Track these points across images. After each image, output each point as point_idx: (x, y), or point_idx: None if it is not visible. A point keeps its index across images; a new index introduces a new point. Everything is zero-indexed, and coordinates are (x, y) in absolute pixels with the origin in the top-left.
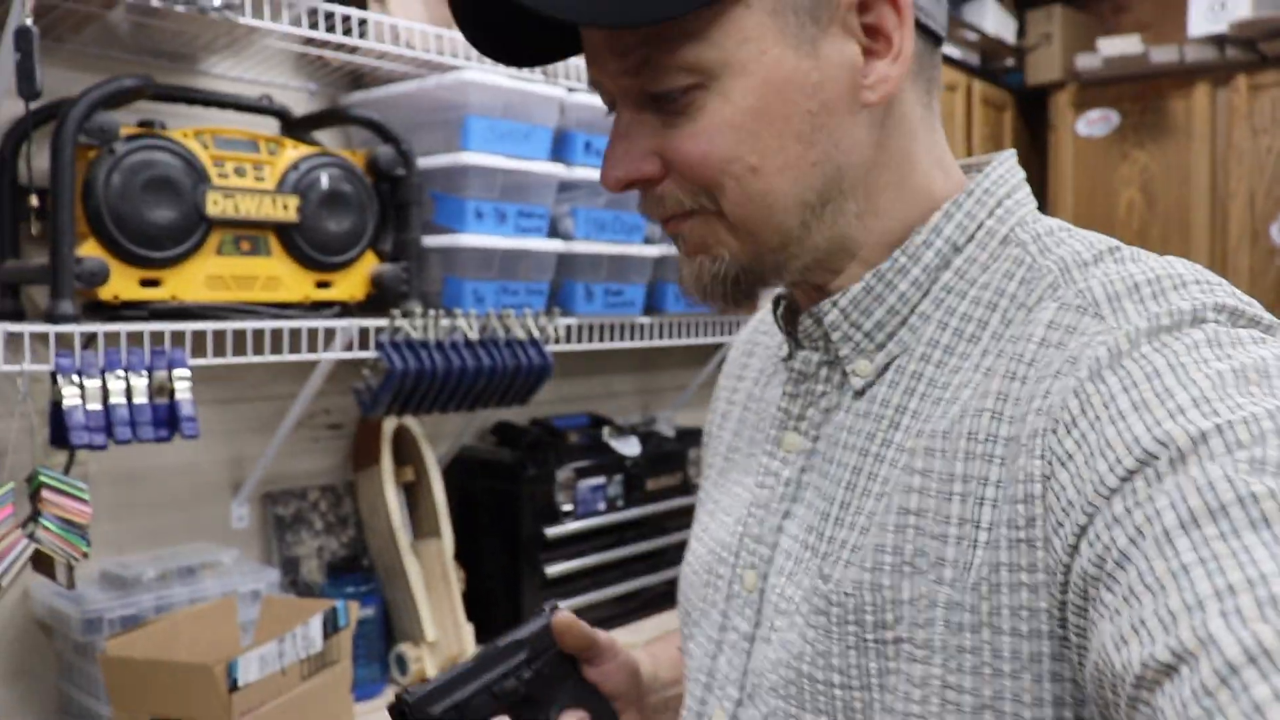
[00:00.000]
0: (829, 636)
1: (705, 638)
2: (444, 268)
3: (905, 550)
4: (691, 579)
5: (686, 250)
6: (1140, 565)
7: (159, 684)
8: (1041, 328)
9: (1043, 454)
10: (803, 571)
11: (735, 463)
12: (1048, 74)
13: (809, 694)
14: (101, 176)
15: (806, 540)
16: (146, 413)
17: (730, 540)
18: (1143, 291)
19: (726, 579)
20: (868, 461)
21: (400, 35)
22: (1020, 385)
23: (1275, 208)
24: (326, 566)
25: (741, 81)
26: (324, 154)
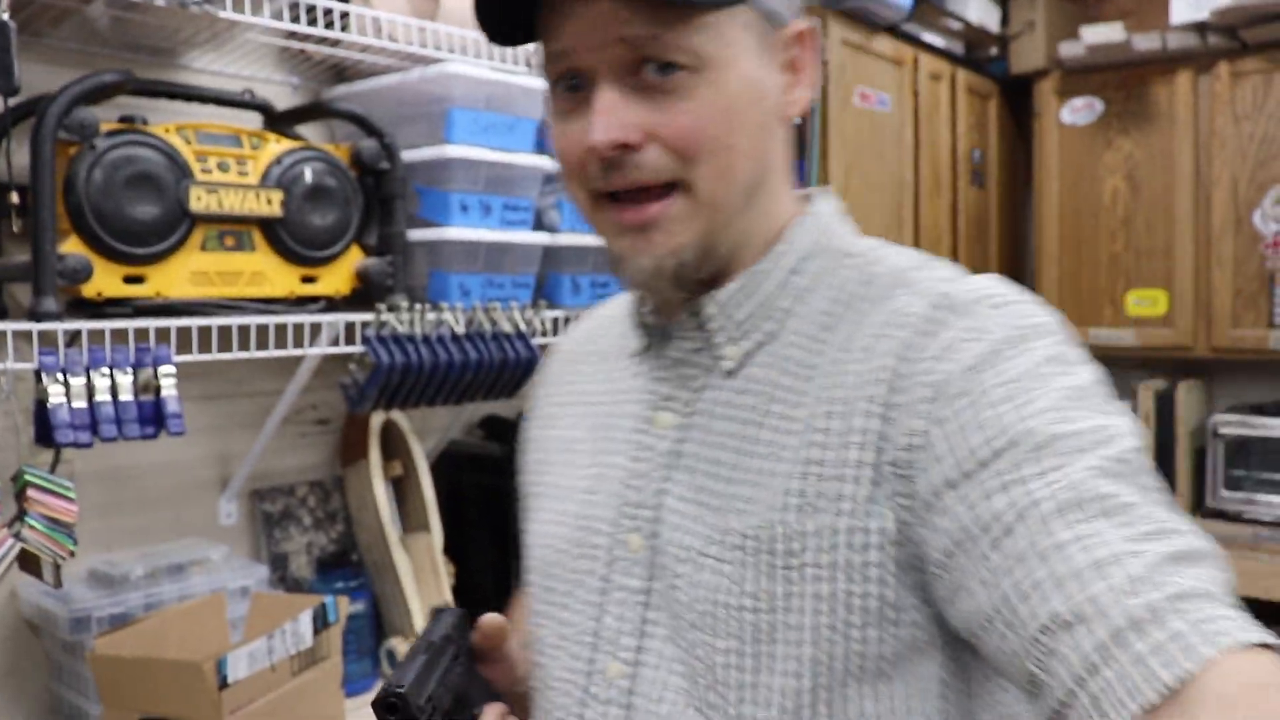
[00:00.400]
0: (744, 567)
1: (583, 604)
2: (429, 261)
3: (809, 493)
4: (554, 557)
5: (651, 243)
6: (1027, 537)
7: (148, 682)
8: (906, 315)
9: (925, 416)
10: (697, 524)
11: (580, 451)
12: (1031, 62)
13: (723, 621)
14: (83, 173)
15: (697, 499)
16: (132, 410)
17: (603, 513)
18: (994, 300)
19: (605, 547)
20: (749, 429)
21: (383, 28)
22: (903, 363)
23: (1258, 194)
24: (315, 562)
25: (726, 75)
26: (307, 148)
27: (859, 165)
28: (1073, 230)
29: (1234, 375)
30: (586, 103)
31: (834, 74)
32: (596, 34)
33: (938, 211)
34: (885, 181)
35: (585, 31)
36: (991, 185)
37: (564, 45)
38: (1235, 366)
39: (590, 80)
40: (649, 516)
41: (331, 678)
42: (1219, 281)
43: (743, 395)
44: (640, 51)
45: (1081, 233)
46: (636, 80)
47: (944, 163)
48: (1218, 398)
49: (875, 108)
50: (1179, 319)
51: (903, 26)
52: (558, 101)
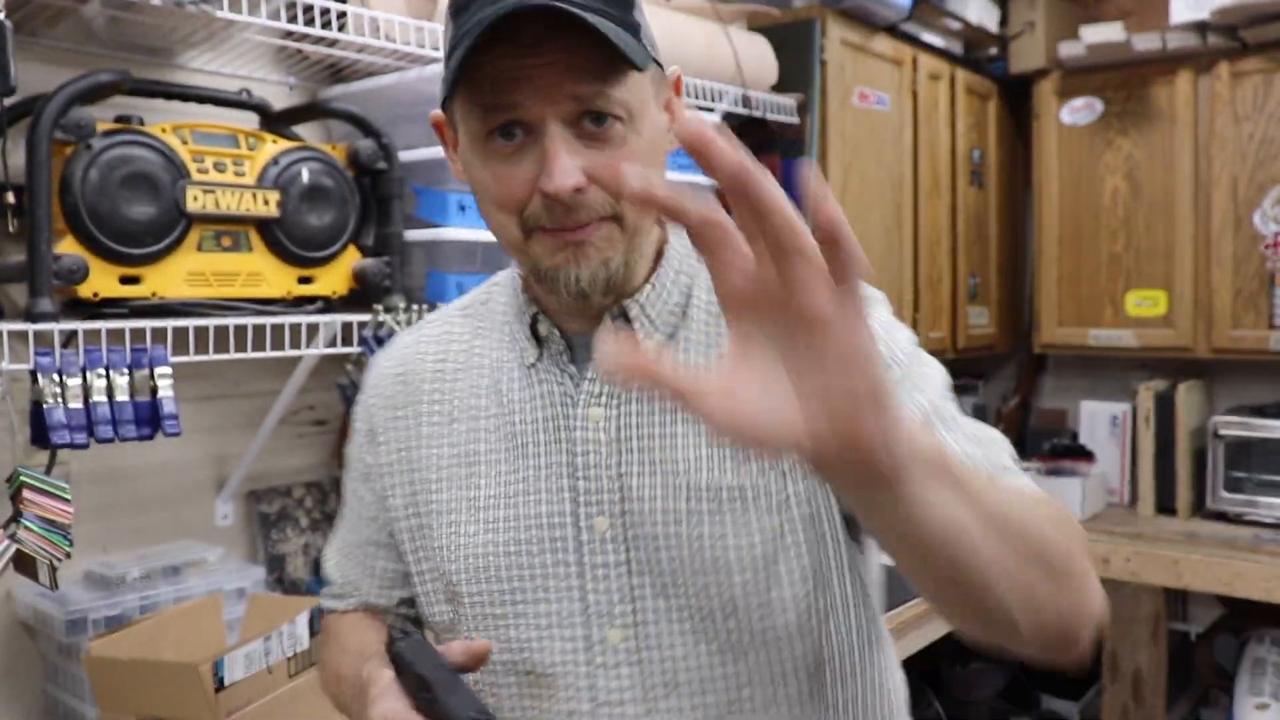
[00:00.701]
0: (732, 513)
1: (561, 591)
2: (427, 261)
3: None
4: (503, 561)
5: (586, 256)
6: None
7: (144, 684)
8: None
9: None
10: (666, 491)
11: (490, 462)
12: (1031, 62)
13: (735, 559)
14: (79, 173)
15: (653, 470)
16: (128, 411)
17: (555, 508)
18: None
19: (571, 536)
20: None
21: (380, 28)
22: None
23: (1258, 194)
24: (313, 564)
25: (644, 123)
26: (304, 148)
27: (858, 165)
28: (1072, 231)
29: (1234, 376)
30: (525, 150)
31: (833, 74)
32: (549, 91)
33: (937, 212)
34: (884, 182)
35: (539, 89)
36: (991, 185)
37: (511, 99)
38: (1235, 367)
39: (531, 130)
40: (614, 499)
41: None
42: (1219, 282)
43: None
44: (584, 105)
45: (1081, 233)
46: (577, 130)
47: (943, 163)
48: (1218, 399)
49: (874, 107)
50: (1179, 320)
51: (902, 26)
52: (489, 146)
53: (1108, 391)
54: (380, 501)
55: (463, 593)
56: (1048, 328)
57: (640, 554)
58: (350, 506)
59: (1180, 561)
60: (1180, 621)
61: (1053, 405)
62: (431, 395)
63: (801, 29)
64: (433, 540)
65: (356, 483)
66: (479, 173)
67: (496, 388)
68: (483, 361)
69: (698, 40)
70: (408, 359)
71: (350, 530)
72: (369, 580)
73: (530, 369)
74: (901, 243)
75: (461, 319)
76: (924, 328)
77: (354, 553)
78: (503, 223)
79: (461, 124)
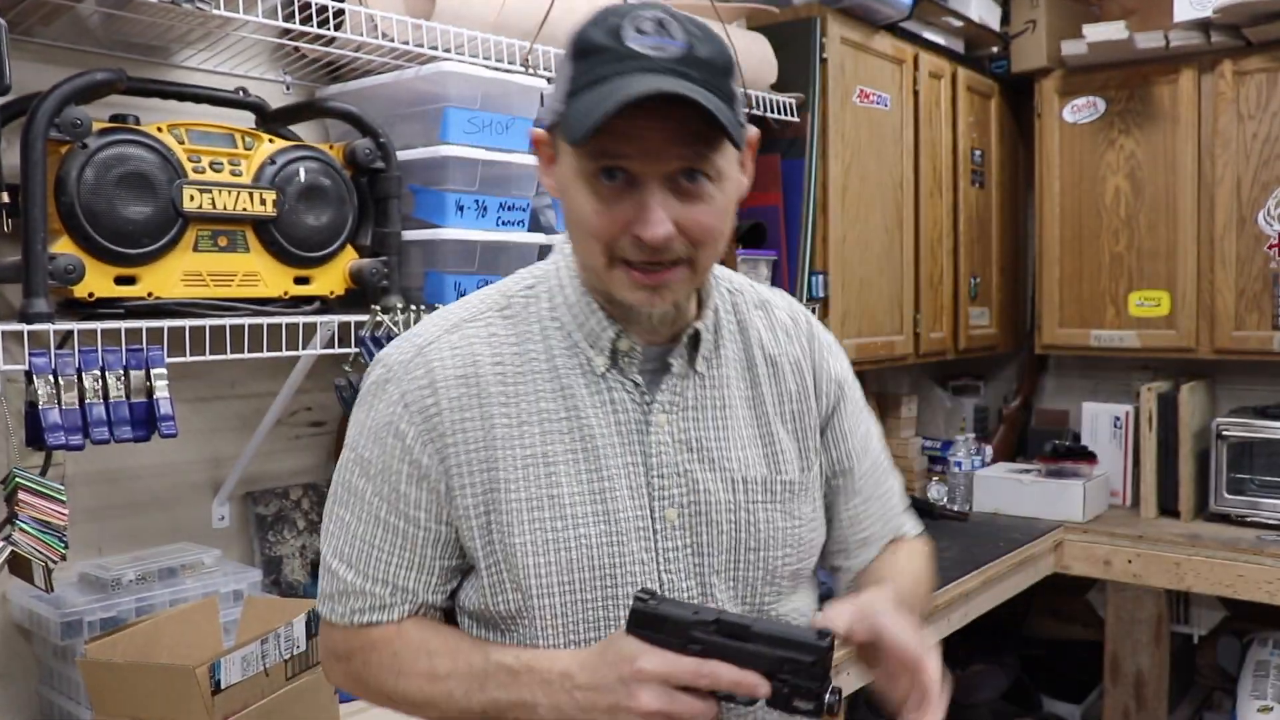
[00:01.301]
0: (772, 499)
1: (637, 576)
2: (425, 262)
3: (783, 447)
4: (590, 552)
5: (661, 298)
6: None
7: (140, 687)
8: (781, 322)
9: (832, 397)
10: (725, 484)
11: (568, 462)
12: (1033, 61)
13: (780, 538)
14: (74, 172)
15: (713, 468)
16: (124, 412)
17: (632, 503)
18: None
19: (647, 527)
20: (720, 410)
21: (378, 26)
22: (799, 349)
23: (1262, 194)
24: (310, 565)
25: (728, 183)
26: (301, 147)
27: (858, 164)
28: (1074, 230)
29: (1237, 377)
30: (624, 194)
31: (833, 72)
32: (657, 152)
33: (938, 211)
34: (885, 181)
35: (648, 150)
36: (992, 185)
37: (623, 151)
38: (1238, 368)
39: (635, 180)
40: (683, 493)
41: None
42: (1222, 282)
43: (710, 389)
44: (684, 164)
45: (1083, 233)
46: (673, 184)
47: (944, 162)
48: (1221, 400)
49: (875, 106)
50: (1182, 320)
51: (903, 24)
52: (594, 183)
53: (1110, 392)
54: (440, 500)
55: (546, 582)
56: (1049, 328)
57: (702, 539)
58: (379, 514)
59: (1183, 563)
60: (1182, 624)
61: (1054, 406)
62: (499, 399)
63: (801, 27)
64: (511, 536)
65: (401, 485)
66: (579, 201)
67: (564, 393)
68: (540, 366)
69: None
70: (467, 361)
71: (387, 537)
72: (424, 580)
73: (600, 377)
74: (902, 242)
75: (501, 320)
76: (925, 328)
77: (398, 558)
78: (592, 249)
79: (569, 154)
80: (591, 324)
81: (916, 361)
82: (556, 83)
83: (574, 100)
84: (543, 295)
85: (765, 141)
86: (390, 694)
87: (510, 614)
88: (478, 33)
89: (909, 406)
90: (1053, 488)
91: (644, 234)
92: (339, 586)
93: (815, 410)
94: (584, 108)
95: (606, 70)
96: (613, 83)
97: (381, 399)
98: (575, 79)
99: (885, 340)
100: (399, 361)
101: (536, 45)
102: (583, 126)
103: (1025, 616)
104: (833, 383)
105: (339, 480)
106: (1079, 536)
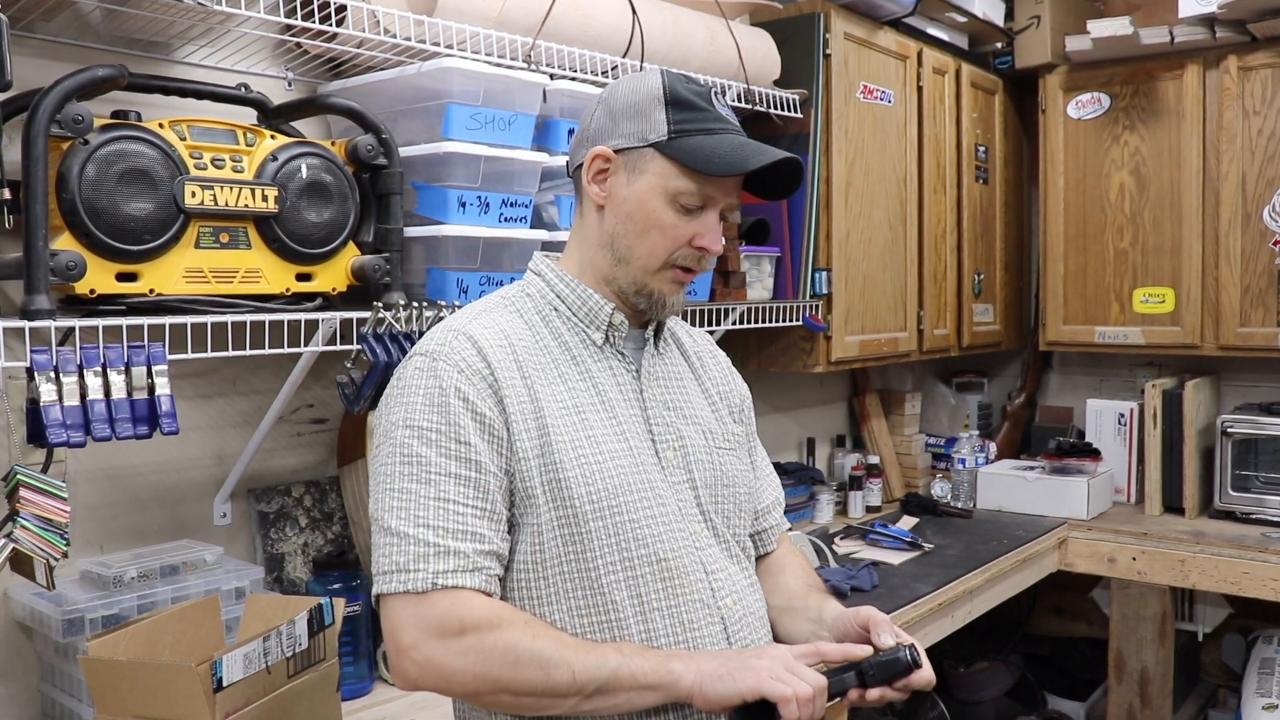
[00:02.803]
0: (726, 452)
1: (659, 500)
2: (427, 258)
3: (720, 413)
4: (624, 477)
5: (683, 292)
6: (760, 448)
7: (142, 685)
8: (692, 332)
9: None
10: (696, 434)
11: (594, 411)
12: (1038, 56)
13: (736, 478)
14: (75, 168)
15: (690, 423)
16: (125, 409)
17: (644, 444)
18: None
19: (657, 463)
20: (680, 382)
21: (380, 22)
22: (714, 352)
23: (1267, 190)
24: (312, 563)
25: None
26: (303, 143)
27: (862, 160)
28: (1079, 227)
29: (1242, 374)
30: (696, 216)
31: (836, 68)
32: (731, 193)
33: (942, 207)
34: (888, 177)
35: (728, 192)
36: (996, 181)
37: (713, 194)
38: (1244, 365)
39: (705, 207)
40: (676, 441)
41: (328, 680)
42: (1227, 279)
43: (665, 364)
44: (734, 204)
45: (1088, 229)
46: (721, 216)
47: (948, 158)
48: (1226, 397)
49: (878, 102)
50: (1186, 317)
51: (907, 20)
52: (679, 206)
53: (1114, 389)
54: (503, 448)
55: (596, 507)
56: (1053, 325)
57: (694, 476)
58: (450, 470)
59: (1187, 561)
60: (1187, 621)
61: (1059, 403)
62: (531, 364)
63: (805, 23)
64: (564, 470)
65: (471, 438)
66: (661, 214)
67: (575, 361)
68: (551, 343)
69: (700, 35)
70: (500, 335)
71: (462, 489)
72: (498, 529)
73: (600, 349)
74: (906, 239)
75: (509, 314)
76: (929, 325)
77: (474, 507)
78: (657, 251)
79: (658, 176)
80: (590, 305)
81: (920, 358)
82: (633, 117)
83: (687, 139)
84: (536, 295)
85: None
86: (526, 656)
87: (566, 545)
88: (480, 29)
89: (913, 403)
90: (1057, 485)
91: (713, 247)
92: (419, 551)
93: (735, 393)
94: (716, 152)
95: (711, 125)
96: (725, 138)
97: (432, 375)
98: (679, 123)
99: (889, 337)
100: (440, 344)
101: (539, 41)
102: (726, 167)
103: (1029, 614)
104: (740, 384)
105: (394, 458)
106: (1083, 534)
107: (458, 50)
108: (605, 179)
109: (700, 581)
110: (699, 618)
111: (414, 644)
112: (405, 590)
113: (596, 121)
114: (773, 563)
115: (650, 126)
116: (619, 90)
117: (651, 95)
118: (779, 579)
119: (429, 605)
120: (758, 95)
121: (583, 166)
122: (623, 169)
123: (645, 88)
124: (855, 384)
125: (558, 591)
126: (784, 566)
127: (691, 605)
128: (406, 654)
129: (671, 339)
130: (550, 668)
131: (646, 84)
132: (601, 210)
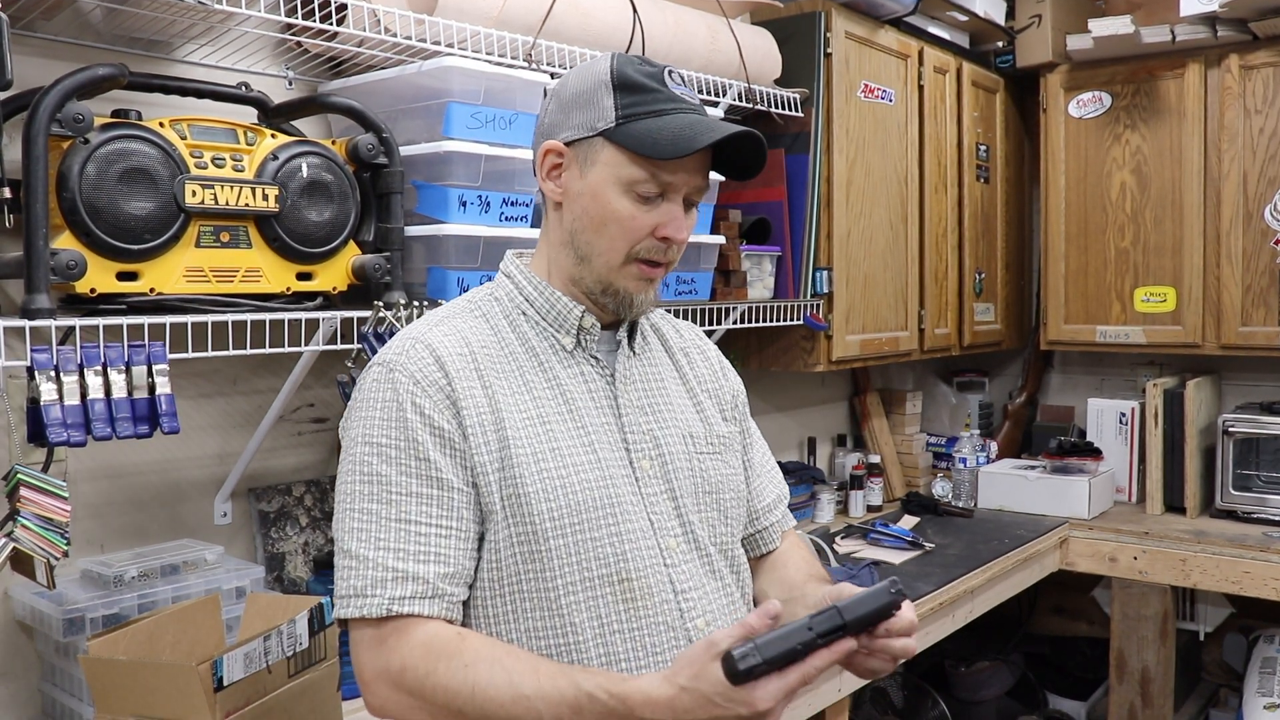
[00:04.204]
0: (711, 457)
1: (628, 514)
2: (428, 258)
3: (707, 415)
4: (590, 492)
5: (652, 288)
6: (758, 449)
7: (142, 684)
8: (678, 326)
9: (734, 386)
10: (676, 439)
11: (559, 422)
12: (1039, 55)
13: (726, 482)
14: (76, 167)
15: (669, 427)
16: (126, 408)
17: (616, 454)
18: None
19: (630, 474)
20: (659, 384)
21: (380, 20)
22: (704, 347)
23: (1269, 189)
24: (312, 562)
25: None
26: (303, 142)
27: (863, 159)
28: (1080, 226)
29: (1244, 373)
30: (655, 205)
31: (837, 67)
32: (688, 177)
33: (943, 206)
34: (889, 176)
35: (690, 174)
36: (997, 180)
37: (670, 181)
38: (1245, 364)
39: (664, 195)
40: (652, 448)
41: (329, 679)
42: (1228, 278)
43: (643, 365)
44: (697, 190)
45: (1089, 228)
46: (685, 203)
47: (949, 157)
48: (1227, 396)
49: (879, 101)
50: (1188, 316)
51: (908, 19)
52: (635, 195)
53: (1115, 388)
54: (463, 460)
55: (557, 524)
56: (1055, 324)
57: (673, 485)
58: (410, 489)
59: (1188, 560)
60: (1188, 620)
61: (1060, 402)
62: (493, 373)
63: (806, 22)
64: (524, 485)
65: (430, 453)
66: (617, 205)
67: (543, 368)
68: (517, 349)
69: (701, 34)
70: (460, 343)
71: (423, 507)
72: (463, 547)
73: (570, 354)
74: (907, 238)
75: (474, 318)
76: (930, 324)
77: (436, 526)
78: (617, 245)
79: (609, 166)
80: (559, 308)
81: (921, 357)
82: (582, 106)
83: (635, 124)
84: (504, 298)
85: (770, 137)
86: (461, 709)
87: (524, 564)
88: (480, 28)
89: (913, 403)
90: (1058, 484)
91: (676, 236)
92: (377, 575)
93: (726, 389)
94: (663, 134)
95: (661, 107)
96: (675, 117)
97: (389, 387)
98: (627, 108)
99: (890, 336)
100: (398, 354)
101: (539, 40)
102: (673, 148)
103: (1030, 613)
104: (733, 379)
105: (354, 477)
106: (1084, 533)
107: (458, 49)
108: (560, 174)
109: (667, 602)
110: (662, 641)
111: (371, 684)
112: (361, 615)
113: (550, 115)
114: (775, 559)
115: (599, 114)
116: (569, 80)
117: (599, 81)
118: (781, 574)
119: (383, 642)
120: (759, 94)
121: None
122: (575, 162)
123: (593, 74)
124: (856, 383)
125: (515, 611)
126: (786, 561)
127: (655, 628)
128: (368, 688)
129: (655, 335)
130: (510, 706)
131: (594, 70)
132: (560, 207)
